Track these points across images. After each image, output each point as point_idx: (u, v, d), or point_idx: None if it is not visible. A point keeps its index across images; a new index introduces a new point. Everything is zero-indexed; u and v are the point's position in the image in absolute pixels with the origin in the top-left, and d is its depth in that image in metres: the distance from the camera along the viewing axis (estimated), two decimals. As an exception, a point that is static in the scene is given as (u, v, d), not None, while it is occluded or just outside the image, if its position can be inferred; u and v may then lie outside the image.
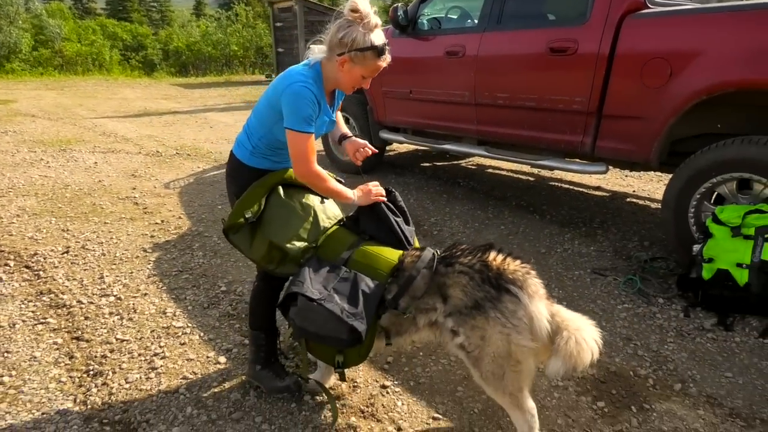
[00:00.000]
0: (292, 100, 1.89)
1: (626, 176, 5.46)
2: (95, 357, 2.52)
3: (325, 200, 2.18)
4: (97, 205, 4.75)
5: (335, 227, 2.14)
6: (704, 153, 3.07)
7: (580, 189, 5.14)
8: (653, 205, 4.60)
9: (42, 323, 2.82)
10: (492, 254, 1.85)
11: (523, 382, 1.78)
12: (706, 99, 3.00)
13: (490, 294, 1.75)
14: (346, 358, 1.94)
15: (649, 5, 3.39)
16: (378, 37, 1.90)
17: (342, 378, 2.02)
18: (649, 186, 5.19)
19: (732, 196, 3.01)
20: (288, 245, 1.99)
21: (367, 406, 2.18)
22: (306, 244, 2.03)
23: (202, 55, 22.86)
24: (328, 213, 2.16)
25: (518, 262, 1.84)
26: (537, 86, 3.82)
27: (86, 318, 2.88)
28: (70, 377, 2.38)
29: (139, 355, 2.54)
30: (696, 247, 2.96)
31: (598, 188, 5.14)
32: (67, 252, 3.72)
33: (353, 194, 2.08)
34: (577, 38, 3.53)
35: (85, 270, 3.46)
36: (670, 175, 3.33)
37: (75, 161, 6.39)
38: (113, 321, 2.85)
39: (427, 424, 2.08)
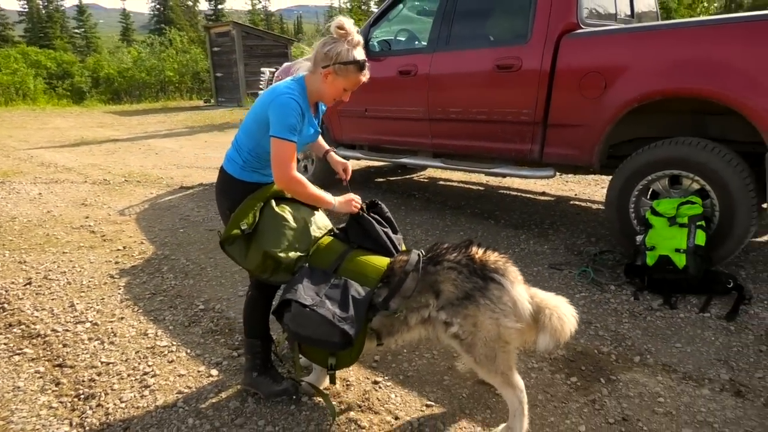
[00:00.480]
0: (278, 110, 2.05)
1: (567, 182, 5.90)
2: (83, 381, 2.51)
3: (315, 212, 2.32)
4: (51, 236, 4.62)
5: (326, 237, 2.28)
6: (639, 155, 3.44)
7: (528, 195, 5.51)
8: (594, 206, 5.01)
9: (18, 354, 2.77)
10: (474, 248, 2.05)
11: (512, 361, 1.98)
12: (637, 107, 3.38)
13: (478, 284, 1.95)
14: (338, 360, 2.08)
15: (582, 26, 3.78)
16: (360, 54, 2.10)
17: (332, 381, 2.14)
18: (588, 190, 5.63)
19: (665, 191, 3.39)
20: (281, 254, 2.11)
21: (363, 401, 2.31)
22: (298, 253, 2.15)
23: (136, 81, 22.31)
24: (319, 224, 2.30)
25: (496, 254, 2.05)
26: (487, 100, 4.13)
27: (65, 345, 2.84)
28: (61, 402, 2.37)
29: (129, 375, 2.56)
30: (639, 238, 3.30)
31: (543, 194, 5.52)
32: (29, 283, 3.62)
33: (334, 200, 2.23)
34: (521, 56, 3.87)
35: (53, 299, 3.39)
36: (610, 177, 3.69)
37: (17, 193, 6.16)
38: (94, 346, 2.83)
39: (421, 411, 2.24)
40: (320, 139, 2.53)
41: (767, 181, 2.97)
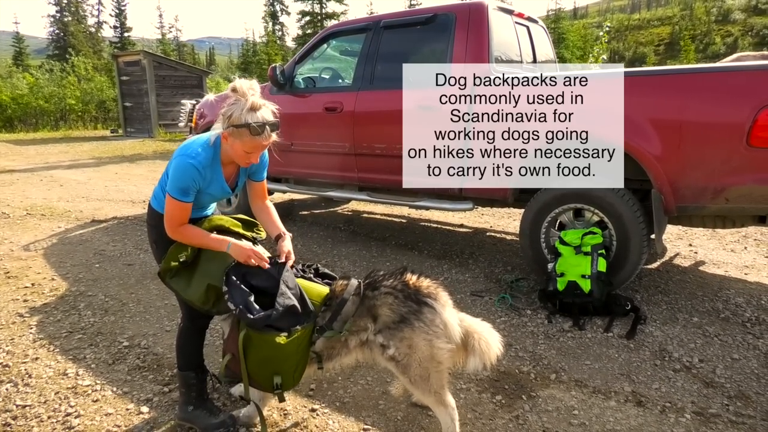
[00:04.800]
0: (175, 171, 2.10)
1: (483, 215, 6.28)
2: (-4, 427, 2.34)
3: (255, 244, 2.36)
4: (-56, 273, 4.23)
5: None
6: (546, 190, 3.80)
7: (447, 227, 5.81)
8: (508, 238, 5.38)
9: None
10: (408, 275, 2.20)
11: (444, 380, 2.13)
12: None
13: (412, 308, 2.09)
14: (283, 380, 2.11)
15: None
16: (254, 116, 2.02)
17: (281, 399, 2.16)
18: (502, 222, 6.03)
19: (570, 222, 3.76)
20: None
21: (302, 429, 2.35)
22: None
23: (32, 108, 20.80)
24: (259, 254, 2.34)
25: (429, 280, 2.22)
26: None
27: (-29, 390, 2.63)
28: (-28, 451, 2.20)
29: (49, 417, 2.42)
30: (550, 266, 3.62)
31: (461, 226, 5.84)
32: None
33: (228, 246, 2.16)
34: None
35: (-49, 342, 3.12)
36: (522, 210, 4.02)
37: None
38: (6, 389, 2.64)
39: (360, 435, 2.32)
40: (276, 218, 2.52)
41: (654, 214, 3.40)
